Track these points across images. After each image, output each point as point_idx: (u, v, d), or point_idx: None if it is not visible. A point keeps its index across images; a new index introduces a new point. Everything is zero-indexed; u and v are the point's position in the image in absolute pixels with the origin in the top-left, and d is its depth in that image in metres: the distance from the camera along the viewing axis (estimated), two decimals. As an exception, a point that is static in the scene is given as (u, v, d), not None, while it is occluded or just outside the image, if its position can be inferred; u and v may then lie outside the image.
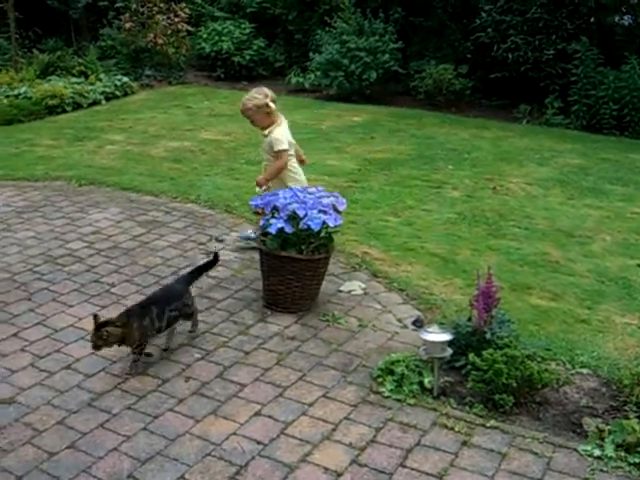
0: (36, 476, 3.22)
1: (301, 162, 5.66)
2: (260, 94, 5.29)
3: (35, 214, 6.43)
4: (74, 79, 11.97)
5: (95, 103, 11.44)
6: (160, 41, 13.06)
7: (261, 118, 5.35)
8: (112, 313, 4.58)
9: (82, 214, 6.38)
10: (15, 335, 4.39)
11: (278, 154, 5.32)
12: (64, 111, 10.89)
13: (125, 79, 12.39)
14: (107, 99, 11.70)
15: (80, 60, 12.91)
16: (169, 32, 13.24)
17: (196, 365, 4.10)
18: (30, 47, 13.77)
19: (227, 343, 4.33)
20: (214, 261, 4.63)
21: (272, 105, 5.30)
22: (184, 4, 13.70)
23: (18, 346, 4.26)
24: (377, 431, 3.56)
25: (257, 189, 5.47)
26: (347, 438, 3.50)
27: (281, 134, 5.35)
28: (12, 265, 5.35)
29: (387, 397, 3.81)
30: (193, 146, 8.85)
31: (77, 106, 11.14)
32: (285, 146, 5.32)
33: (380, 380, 3.93)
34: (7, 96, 10.97)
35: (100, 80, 12.13)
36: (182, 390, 3.86)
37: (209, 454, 3.37)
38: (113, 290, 4.98)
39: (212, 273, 5.21)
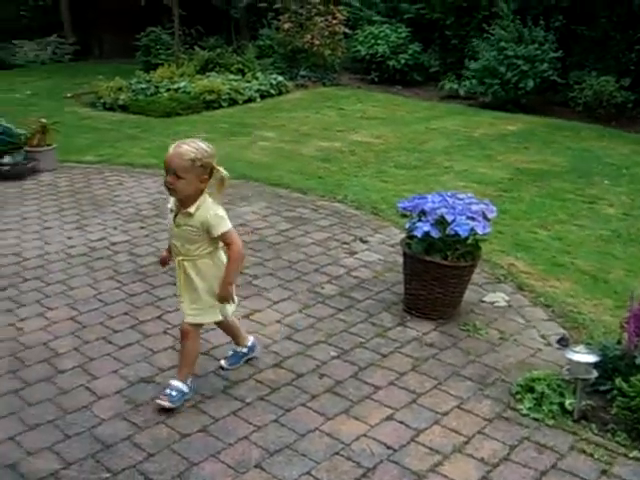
0: (167, 455, 3.31)
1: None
2: (208, 148, 3.52)
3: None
4: (232, 76, 12.33)
5: (250, 100, 11.73)
6: (317, 42, 13.20)
7: (193, 182, 3.46)
8: (254, 304, 4.69)
9: (231, 206, 6.50)
10: (159, 317, 4.55)
11: (225, 237, 3.57)
12: (220, 106, 11.24)
13: (280, 78, 12.62)
14: (262, 97, 11.96)
15: (239, 58, 13.26)
16: (326, 34, 13.37)
17: (331, 363, 4.08)
18: (192, 44, 14.29)
19: (364, 344, 4.30)
20: None
21: (223, 172, 3.58)
22: (342, 7, 13.80)
23: (161, 328, 4.41)
24: (511, 449, 3.42)
25: (182, 297, 3.73)
26: (479, 453, 3.39)
27: (221, 209, 3.60)
28: (161, 250, 5.49)
29: (524, 415, 3.66)
30: (343, 147, 8.89)
31: (233, 102, 11.47)
32: (230, 224, 3.60)
33: (518, 397, 3.78)
34: (168, 90, 11.47)
35: (256, 78, 12.42)
36: (315, 386, 3.86)
37: (337, 453, 3.34)
38: (255, 282, 5.06)
39: (354, 273, 5.22)
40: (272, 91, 12.24)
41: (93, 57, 17.41)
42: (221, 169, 3.55)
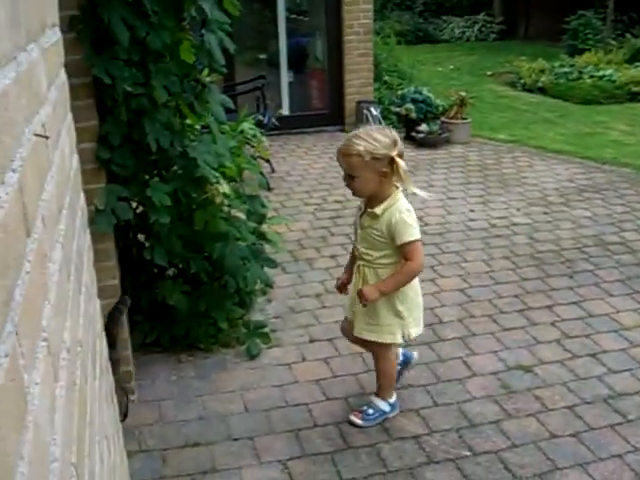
0: (531, 450, 3.15)
1: None
2: (382, 137, 2.91)
3: (595, 195, 6.33)
4: (666, 68, 11.46)
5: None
6: None
7: (370, 179, 2.93)
8: None
9: None
10: (549, 308, 4.37)
11: (407, 248, 2.98)
12: (646, 100, 10.53)
13: None
14: None
15: (676, 49, 12.30)
16: None
17: None
18: (623, 31, 13.58)
19: None
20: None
21: (401, 164, 2.90)
22: None
23: (549, 319, 4.24)
24: None
25: (356, 306, 3.17)
26: None
27: (411, 216, 3.00)
28: (562, 240, 5.35)
29: None
30: None
31: (661, 96, 10.67)
32: (419, 235, 3.01)
33: None
34: (591, 76, 11.06)
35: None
36: None
37: None
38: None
39: None
40: None
41: (518, 37, 17.40)
42: (399, 160, 2.89)
